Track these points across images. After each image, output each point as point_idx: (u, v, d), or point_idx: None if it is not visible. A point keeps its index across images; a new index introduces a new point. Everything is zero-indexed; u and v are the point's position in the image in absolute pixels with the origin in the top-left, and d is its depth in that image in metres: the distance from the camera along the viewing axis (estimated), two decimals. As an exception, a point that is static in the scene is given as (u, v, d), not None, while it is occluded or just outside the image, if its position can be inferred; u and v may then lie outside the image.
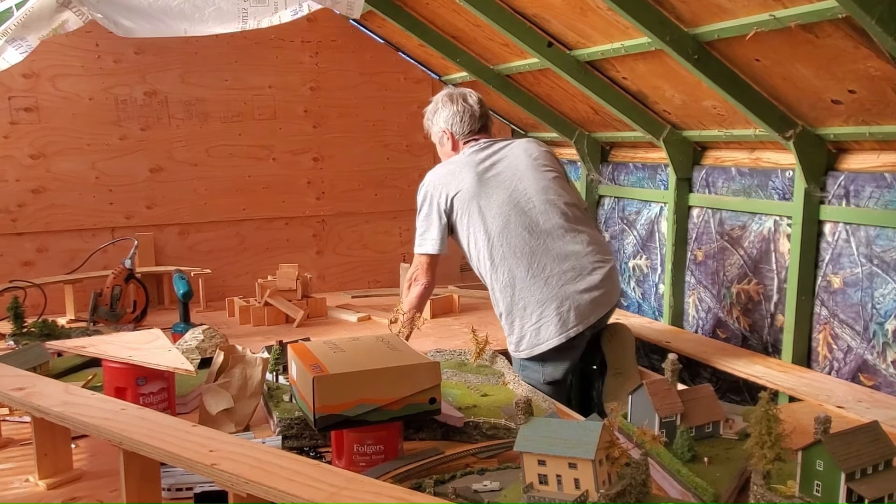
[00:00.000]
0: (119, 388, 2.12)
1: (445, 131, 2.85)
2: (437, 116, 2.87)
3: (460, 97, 2.86)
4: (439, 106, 2.87)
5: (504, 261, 2.61)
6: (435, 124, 2.89)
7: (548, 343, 2.58)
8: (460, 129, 2.83)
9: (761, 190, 2.91)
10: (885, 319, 2.45)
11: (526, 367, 2.66)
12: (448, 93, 2.91)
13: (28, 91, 3.55)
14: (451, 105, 2.84)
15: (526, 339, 2.63)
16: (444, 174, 2.76)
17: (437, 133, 2.89)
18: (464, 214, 2.68)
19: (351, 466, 1.79)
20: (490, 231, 2.63)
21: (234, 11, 3.20)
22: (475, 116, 2.84)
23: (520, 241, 2.61)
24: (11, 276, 3.49)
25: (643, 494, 1.47)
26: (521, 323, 2.62)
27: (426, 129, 2.97)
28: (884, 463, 1.46)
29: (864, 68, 2.15)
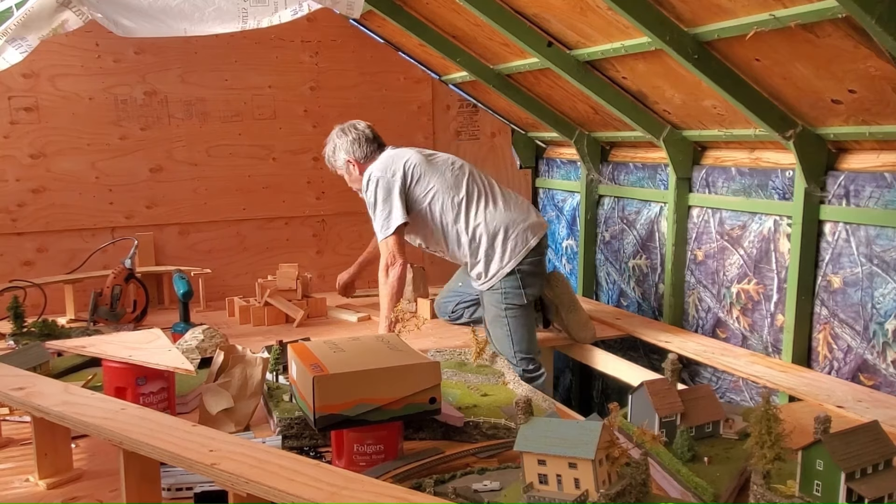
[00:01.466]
0: (119, 387, 2.12)
1: (349, 161, 3.19)
2: (337, 152, 3.21)
3: (350, 127, 3.21)
4: (336, 142, 3.22)
5: (473, 201, 3.07)
6: (338, 160, 3.22)
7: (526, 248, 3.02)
8: (361, 153, 3.17)
9: (761, 190, 2.91)
10: (885, 319, 2.45)
11: (508, 292, 3.02)
12: (339, 128, 3.24)
13: (28, 91, 3.55)
14: (345, 136, 3.19)
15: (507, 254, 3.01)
16: (385, 160, 3.11)
17: (342, 166, 3.22)
18: (422, 178, 3.05)
19: (351, 466, 1.79)
20: (452, 182, 3.07)
21: (234, 11, 3.20)
22: (369, 139, 3.19)
23: (479, 186, 3.12)
24: (11, 276, 3.49)
25: (643, 494, 1.47)
26: (502, 246, 3.02)
27: (331, 168, 3.31)
28: (884, 463, 1.46)
29: (864, 68, 2.15)
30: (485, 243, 3.03)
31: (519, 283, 3.02)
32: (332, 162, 3.27)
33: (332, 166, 3.29)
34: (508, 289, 3.02)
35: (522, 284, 3.03)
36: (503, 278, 3.02)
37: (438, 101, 4.23)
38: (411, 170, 3.05)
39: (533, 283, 3.06)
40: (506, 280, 3.02)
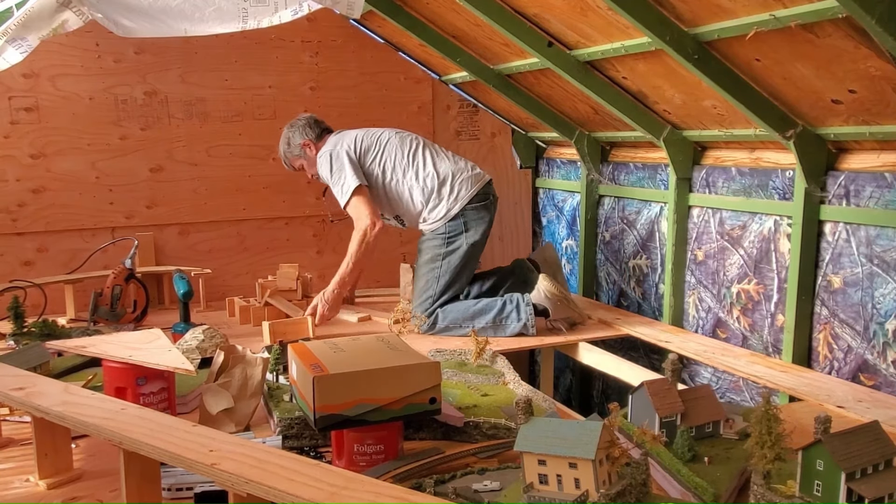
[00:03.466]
0: (119, 388, 2.12)
1: (304, 143, 3.42)
2: (292, 141, 3.44)
3: (296, 120, 3.48)
4: (287, 134, 3.46)
5: (419, 153, 3.30)
6: (293, 147, 3.44)
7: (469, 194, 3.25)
8: (314, 133, 3.42)
9: (761, 190, 2.91)
10: (885, 319, 2.45)
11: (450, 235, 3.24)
12: (287, 126, 3.49)
13: (28, 91, 3.55)
14: (294, 126, 3.45)
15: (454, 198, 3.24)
16: (333, 139, 3.36)
17: (299, 151, 3.44)
18: (370, 145, 3.31)
19: (351, 466, 1.79)
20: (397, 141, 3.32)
21: (234, 11, 3.20)
22: (317, 121, 3.46)
23: (423, 142, 3.39)
24: (11, 276, 3.49)
25: (643, 494, 1.47)
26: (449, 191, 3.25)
27: (288, 163, 3.52)
28: (884, 463, 1.46)
29: (865, 68, 2.15)
30: (435, 189, 3.25)
31: (462, 227, 3.23)
32: (288, 156, 3.48)
33: (290, 161, 3.50)
34: (451, 231, 3.24)
35: (465, 228, 3.24)
36: (448, 221, 3.24)
37: (438, 101, 4.23)
38: (359, 139, 3.31)
39: (475, 228, 3.25)
40: (449, 223, 3.24)
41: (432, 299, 3.21)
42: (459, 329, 3.13)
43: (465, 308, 3.18)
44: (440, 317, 3.16)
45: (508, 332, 3.09)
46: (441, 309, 3.19)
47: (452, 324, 3.15)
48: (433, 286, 3.23)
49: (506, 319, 3.11)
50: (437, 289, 3.22)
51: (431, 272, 3.26)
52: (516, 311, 3.11)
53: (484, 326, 3.09)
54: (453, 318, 3.16)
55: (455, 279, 3.25)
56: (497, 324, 3.11)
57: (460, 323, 3.14)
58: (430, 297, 3.22)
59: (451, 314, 3.17)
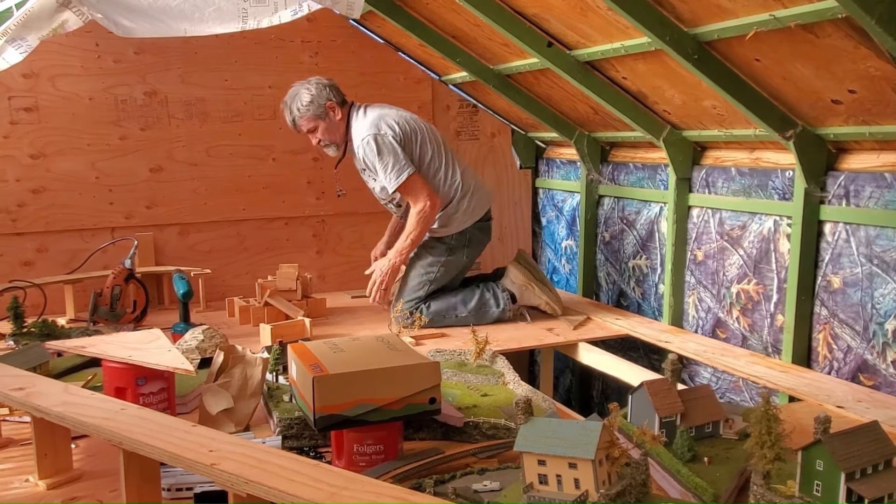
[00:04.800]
0: (119, 388, 2.12)
1: (330, 105, 3.27)
2: (316, 99, 3.25)
3: (318, 79, 3.31)
4: (311, 92, 3.26)
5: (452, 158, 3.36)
6: (316, 106, 3.25)
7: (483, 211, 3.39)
8: (339, 97, 3.30)
9: (761, 190, 2.91)
10: (884, 319, 2.45)
11: (453, 247, 3.35)
12: (301, 82, 3.31)
13: (28, 91, 3.55)
14: (317, 85, 3.28)
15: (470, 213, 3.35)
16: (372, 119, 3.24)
17: (321, 111, 3.26)
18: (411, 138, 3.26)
19: (351, 466, 1.79)
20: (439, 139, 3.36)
21: (234, 11, 3.20)
22: (338, 87, 3.34)
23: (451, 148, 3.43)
24: (11, 276, 3.49)
25: (643, 494, 1.47)
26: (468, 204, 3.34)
27: (298, 123, 3.31)
28: (884, 463, 1.46)
29: (864, 68, 2.15)
30: (457, 198, 3.32)
31: (466, 241, 3.36)
32: (304, 114, 3.28)
33: (300, 121, 3.31)
34: (455, 243, 3.35)
35: (468, 243, 3.37)
36: (454, 233, 3.34)
37: (438, 101, 4.23)
38: (399, 126, 3.24)
39: (476, 246, 3.41)
40: (455, 236, 3.35)
41: (420, 300, 3.31)
42: (443, 320, 3.28)
43: (445, 300, 3.34)
44: (423, 311, 3.25)
45: (488, 319, 3.30)
46: (424, 304, 3.30)
47: (436, 315, 3.27)
48: (425, 288, 3.33)
49: (485, 306, 3.32)
50: (428, 291, 3.33)
51: (427, 274, 3.34)
52: (493, 298, 3.34)
53: (466, 315, 3.28)
54: (436, 310, 3.29)
55: (446, 286, 3.38)
56: (478, 311, 3.30)
57: (444, 313, 3.29)
58: (419, 298, 3.32)
59: (433, 306, 3.30)
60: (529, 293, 3.41)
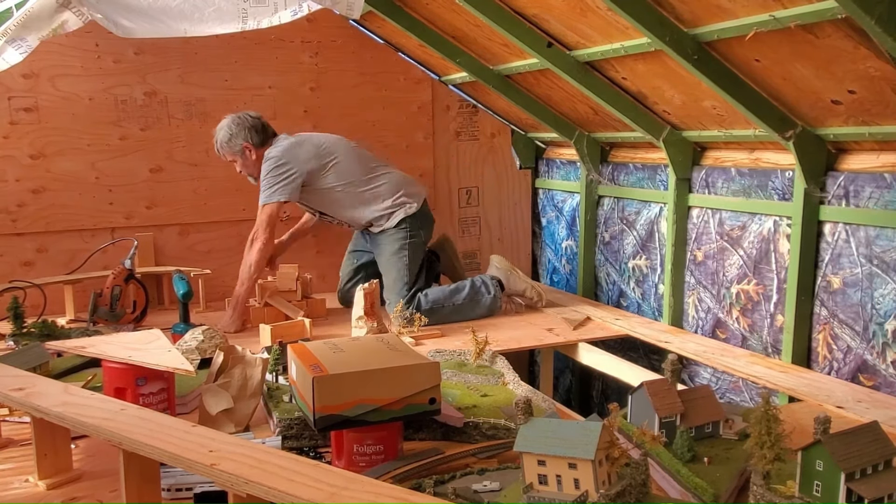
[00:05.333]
0: (119, 388, 2.12)
1: (246, 146, 3.42)
2: (233, 139, 3.41)
3: (245, 116, 3.45)
4: (232, 129, 3.41)
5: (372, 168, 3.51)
6: (233, 146, 3.43)
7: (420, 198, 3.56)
8: (258, 139, 3.42)
9: (761, 190, 2.91)
10: (884, 320, 2.45)
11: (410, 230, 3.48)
12: (231, 117, 3.44)
13: (28, 91, 3.55)
14: (241, 125, 3.42)
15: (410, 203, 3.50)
16: (288, 143, 3.42)
17: (238, 150, 3.43)
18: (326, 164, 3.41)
19: (351, 466, 1.79)
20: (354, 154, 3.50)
21: (234, 12, 3.20)
22: (265, 126, 3.47)
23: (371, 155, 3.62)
24: (11, 276, 3.49)
25: (643, 494, 1.47)
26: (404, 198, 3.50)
27: (221, 154, 3.49)
28: (883, 463, 1.46)
29: (864, 68, 2.15)
30: (390, 200, 3.48)
31: (419, 222, 3.52)
32: (224, 149, 3.45)
33: (223, 153, 3.47)
34: (411, 227, 3.49)
35: (422, 224, 3.54)
36: (406, 218, 3.48)
37: (438, 101, 4.23)
38: (311, 154, 3.39)
39: (427, 222, 3.59)
40: (408, 220, 3.49)
41: (408, 286, 3.42)
42: (442, 309, 3.37)
43: (441, 289, 3.47)
44: (422, 299, 3.35)
45: (482, 306, 3.45)
46: (422, 293, 3.40)
47: (435, 304, 3.37)
48: (405, 274, 3.45)
49: (478, 294, 3.46)
50: (410, 276, 3.44)
51: (400, 261, 3.46)
52: (485, 286, 3.48)
53: (463, 303, 3.41)
54: (435, 298, 3.39)
55: (420, 268, 3.52)
56: (473, 298, 3.43)
57: (442, 302, 3.40)
58: (406, 284, 3.42)
59: (431, 295, 3.40)
60: (515, 278, 3.58)
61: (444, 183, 4.30)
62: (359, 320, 3.03)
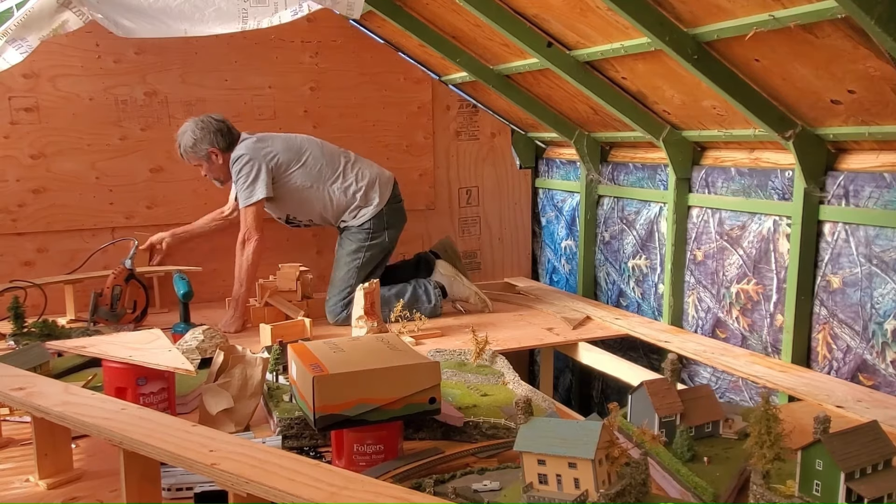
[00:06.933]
0: (119, 388, 2.12)
1: (212, 151, 3.38)
2: (198, 144, 3.37)
3: (209, 120, 3.40)
4: (197, 134, 3.37)
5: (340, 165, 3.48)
6: (199, 151, 3.38)
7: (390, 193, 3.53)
8: (224, 143, 3.39)
9: (761, 190, 2.91)
10: (884, 319, 2.45)
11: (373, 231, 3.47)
12: (193, 121, 3.40)
13: (28, 91, 3.55)
14: (206, 129, 3.37)
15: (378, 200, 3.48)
16: (254, 142, 3.39)
17: (204, 155, 3.39)
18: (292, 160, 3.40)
19: (351, 466, 1.79)
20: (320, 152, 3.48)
21: (234, 12, 3.20)
22: (230, 129, 3.42)
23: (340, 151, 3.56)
24: (11, 276, 3.49)
25: (643, 494, 1.47)
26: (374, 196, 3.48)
27: (186, 159, 3.46)
28: (883, 463, 1.46)
29: (864, 68, 2.15)
30: (361, 195, 3.47)
31: (384, 223, 3.49)
32: (190, 153, 3.41)
33: (187, 157, 3.44)
34: (375, 227, 3.47)
35: (386, 225, 3.50)
36: (371, 218, 3.47)
37: (438, 101, 4.23)
38: (278, 151, 3.39)
39: (394, 224, 3.55)
40: (373, 220, 3.47)
41: (350, 289, 3.37)
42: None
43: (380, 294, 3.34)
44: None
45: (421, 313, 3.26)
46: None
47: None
48: (351, 277, 3.44)
49: (418, 302, 3.43)
50: (358, 279, 3.39)
51: (352, 262, 3.47)
52: (425, 293, 3.48)
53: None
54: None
55: (373, 271, 3.49)
56: (411, 308, 3.27)
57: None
58: (349, 287, 3.39)
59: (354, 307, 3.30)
60: (458, 284, 3.57)
61: (444, 183, 4.30)
62: (359, 320, 3.03)
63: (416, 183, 4.21)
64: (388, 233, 3.53)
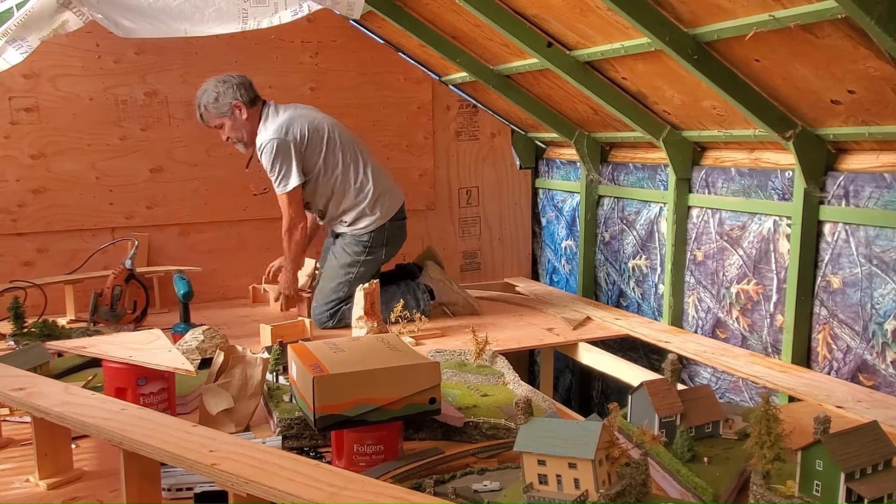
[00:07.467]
0: (119, 388, 2.12)
1: (236, 104, 3.27)
2: (222, 97, 3.27)
3: (229, 76, 3.31)
4: (220, 88, 3.28)
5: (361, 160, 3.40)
6: (221, 104, 3.28)
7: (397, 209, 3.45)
8: (248, 97, 3.28)
9: (761, 190, 2.91)
10: (884, 319, 2.45)
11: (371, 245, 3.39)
12: (215, 79, 3.31)
13: (28, 91, 3.55)
14: (228, 82, 3.28)
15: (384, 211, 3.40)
16: (280, 122, 3.27)
17: (227, 109, 3.28)
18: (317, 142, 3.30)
19: (351, 466, 1.79)
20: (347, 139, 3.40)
21: (234, 12, 3.20)
22: (251, 84, 3.33)
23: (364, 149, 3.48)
24: (12, 277, 3.49)
25: (643, 494, 1.47)
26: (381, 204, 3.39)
27: (205, 118, 3.35)
28: (883, 463, 1.46)
29: (864, 68, 2.15)
30: (369, 200, 3.37)
31: (384, 240, 3.41)
32: (210, 110, 3.31)
33: (208, 117, 3.33)
34: (374, 242, 3.39)
35: (385, 242, 3.42)
36: (372, 231, 3.38)
37: (438, 101, 4.23)
38: (304, 131, 3.28)
39: (394, 242, 3.47)
40: (374, 234, 3.39)
41: (337, 301, 3.33)
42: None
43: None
44: (345, 313, 3.28)
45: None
46: (346, 305, 3.30)
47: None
48: (343, 289, 3.34)
49: (405, 307, 3.18)
50: (345, 294, 3.33)
51: (346, 276, 3.37)
52: (414, 301, 3.38)
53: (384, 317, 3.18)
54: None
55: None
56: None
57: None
58: (337, 300, 3.34)
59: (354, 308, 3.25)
60: (448, 290, 3.50)
61: (444, 183, 4.30)
62: (359, 320, 3.03)
63: (416, 183, 4.21)
64: (386, 250, 3.44)
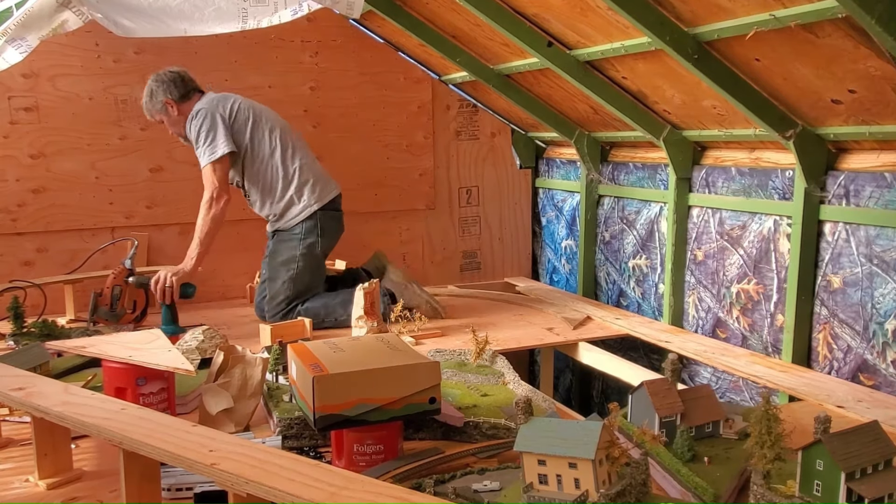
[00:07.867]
0: (119, 388, 2.12)
1: (166, 101, 3.27)
2: (154, 96, 3.28)
3: (165, 72, 3.30)
4: (152, 87, 3.29)
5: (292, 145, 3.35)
6: (155, 104, 3.29)
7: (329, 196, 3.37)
8: (178, 93, 3.27)
9: (761, 190, 2.91)
10: (884, 319, 2.45)
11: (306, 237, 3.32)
12: (154, 75, 3.32)
13: (28, 91, 3.55)
14: (160, 80, 3.28)
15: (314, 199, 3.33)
16: (211, 97, 3.28)
17: (160, 109, 3.29)
18: (248, 121, 3.28)
19: (351, 466, 1.79)
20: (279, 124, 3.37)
21: (234, 11, 3.20)
22: (185, 79, 3.31)
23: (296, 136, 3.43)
24: (11, 276, 3.49)
25: (643, 494, 1.47)
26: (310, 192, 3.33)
27: (150, 116, 3.37)
28: (884, 463, 1.46)
29: (864, 68, 2.15)
30: (295, 185, 3.31)
31: (318, 230, 3.33)
32: (150, 109, 3.33)
33: (150, 114, 3.35)
34: (306, 232, 3.32)
35: (320, 232, 3.33)
36: (303, 221, 3.32)
37: (438, 101, 4.23)
38: (237, 108, 3.28)
39: (330, 234, 3.39)
40: (305, 223, 3.32)
41: (287, 301, 3.30)
42: (321, 323, 3.22)
43: (323, 303, 3.31)
44: (302, 313, 3.23)
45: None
46: (302, 307, 3.27)
47: (313, 316, 3.20)
48: (289, 288, 3.31)
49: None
50: (292, 292, 3.30)
51: (289, 272, 3.32)
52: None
53: (345, 318, 3.17)
54: (315, 312, 3.24)
55: (311, 281, 3.35)
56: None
57: (323, 317, 3.25)
58: (286, 300, 3.30)
59: (311, 310, 3.26)
60: (410, 293, 3.42)
61: (444, 183, 4.30)
62: (359, 320, 3.03)
63: (416, 183, 4.21)
64: (321, 241, 3.36)
